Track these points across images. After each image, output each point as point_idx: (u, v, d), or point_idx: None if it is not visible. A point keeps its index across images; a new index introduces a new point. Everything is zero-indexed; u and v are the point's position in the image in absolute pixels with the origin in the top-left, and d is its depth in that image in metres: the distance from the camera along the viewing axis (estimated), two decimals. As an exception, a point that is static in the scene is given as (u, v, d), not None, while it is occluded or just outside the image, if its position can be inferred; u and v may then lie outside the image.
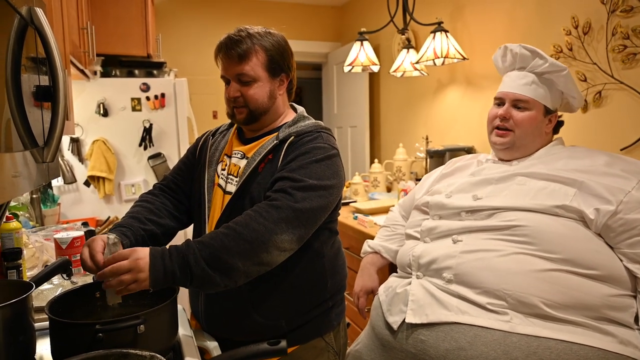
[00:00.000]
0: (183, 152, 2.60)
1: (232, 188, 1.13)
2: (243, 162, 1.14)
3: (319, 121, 1.20)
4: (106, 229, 2.32)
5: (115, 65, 2.56)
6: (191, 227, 1.28)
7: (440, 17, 2.37)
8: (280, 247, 0.98)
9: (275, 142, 1.11)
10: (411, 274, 1.21)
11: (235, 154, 1.18)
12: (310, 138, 1.10)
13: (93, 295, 1.00)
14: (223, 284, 0.95)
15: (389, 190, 2.99)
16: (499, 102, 1.32)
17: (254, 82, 1.11)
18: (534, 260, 1.05)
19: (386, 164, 2.98)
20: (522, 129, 1.25)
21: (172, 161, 2.58)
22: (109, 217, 2.43)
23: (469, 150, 2.36)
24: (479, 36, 2.40)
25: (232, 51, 1.09)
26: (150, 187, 1.28)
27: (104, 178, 2.43)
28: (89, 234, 1.57)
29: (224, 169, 1.18)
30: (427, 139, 2.64)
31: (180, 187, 1.25)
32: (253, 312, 1.10)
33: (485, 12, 2.36)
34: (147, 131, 2.52)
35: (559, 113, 1.34)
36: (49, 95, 0.82)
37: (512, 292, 1.02)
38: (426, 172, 2.55)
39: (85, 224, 1.78)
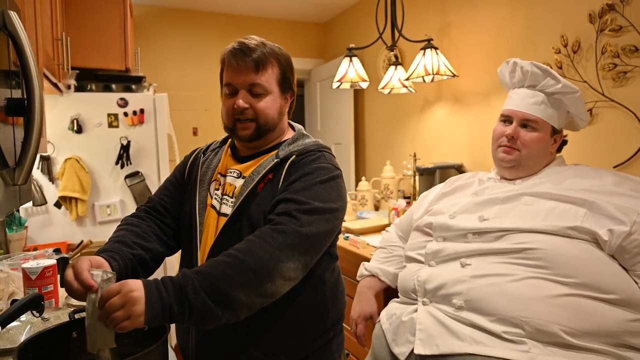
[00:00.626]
0: (162, 170, 2.48)
1: (227, 209, 1.04)
2: (239, 182, 1.05)
3: (319, 140, 1.13)
4: (79, 255, 2.16)
5: (91, 79, 2.43)
6: (177, 254, 1.18)
7: (428, 34, 2.37)
8: (286, 275, 0.90)
9: (275, 160, 1.03)
10: (416, 299, 1.14)
11: (230, 172, 1.09)
12: (313, 158, 1.03)
13: (69, 335, 0.88)
14: (225, 319, 0.85)
15: (376, 208, 2.94)
16: (506, 119, 1.28)
17: (265, 95, 1.03)
18: (550, 285, 1.00)
19: (373, 182, 2.93)
20: (529, 149, 1.22)
21: (151, 180, 2.45)
22: (82, 241, 2.26)
23: (459, 168, 2.33)
24: (466, 53, 2.41)
25: (248, 58, 1.00)
26: (127, 207, 1.17)
27: (76, 199, 2.28)
28: (62, 262, 1.43)
29: (217, 189, 1.09)
30: (414, 156, 2.60)
31: (167, 210, 1.15)
32: (250, 347, 1.00)
33: (472, 30, 2.37)
34: (125, 149, 2.39)
35: (564, 132, 1.32)
36: (23, 110, 0.72)
37: (530, 319, 0.96)
38: (414, 190, 2.51)
39: (57, 250, 1.63)
